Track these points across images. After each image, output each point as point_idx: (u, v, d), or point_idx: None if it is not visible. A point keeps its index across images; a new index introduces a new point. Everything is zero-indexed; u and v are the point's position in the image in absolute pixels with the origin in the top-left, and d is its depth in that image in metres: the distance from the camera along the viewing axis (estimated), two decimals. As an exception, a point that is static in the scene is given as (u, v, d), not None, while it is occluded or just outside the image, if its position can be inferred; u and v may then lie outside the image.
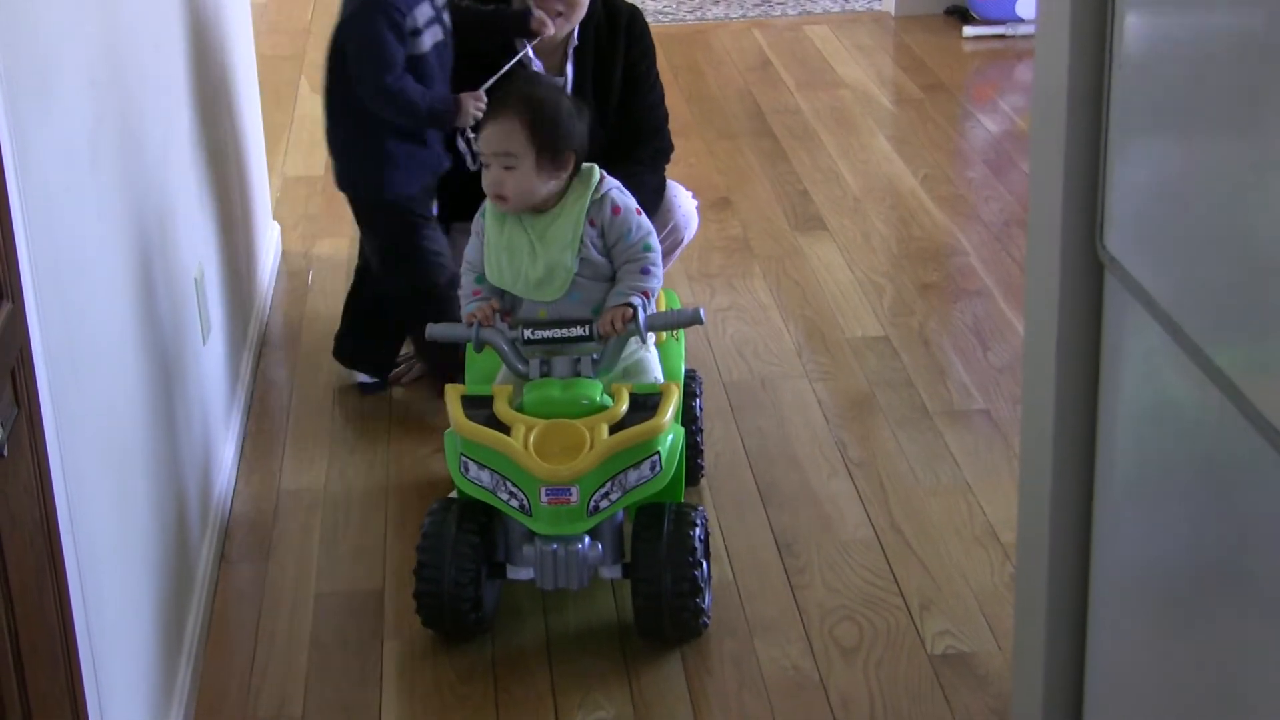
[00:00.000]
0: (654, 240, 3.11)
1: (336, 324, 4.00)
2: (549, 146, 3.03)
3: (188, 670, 2.93)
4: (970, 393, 3.92)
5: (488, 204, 3.13)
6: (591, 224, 3.07)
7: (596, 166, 3.13)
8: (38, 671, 2.00)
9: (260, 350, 4.19)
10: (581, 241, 3.05)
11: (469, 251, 3.19)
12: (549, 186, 3.06)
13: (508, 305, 3.14)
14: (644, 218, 3.12)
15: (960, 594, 3.20)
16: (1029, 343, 2.35)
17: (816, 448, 3.71)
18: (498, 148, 3.04)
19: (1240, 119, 1.73)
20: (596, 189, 3.08)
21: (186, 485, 3.13)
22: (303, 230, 4.90)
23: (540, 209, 3.08)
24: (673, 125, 4.01)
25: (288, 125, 5.77)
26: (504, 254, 3.10)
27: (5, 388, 1.94)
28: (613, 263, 3.10)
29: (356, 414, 3.90)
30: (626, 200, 3.11)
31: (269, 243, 4.63)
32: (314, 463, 3.71)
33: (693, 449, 3.46)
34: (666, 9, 7.08)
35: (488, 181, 3.06)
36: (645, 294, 3.07)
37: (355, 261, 4.04)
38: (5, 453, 1.88)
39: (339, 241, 4.82)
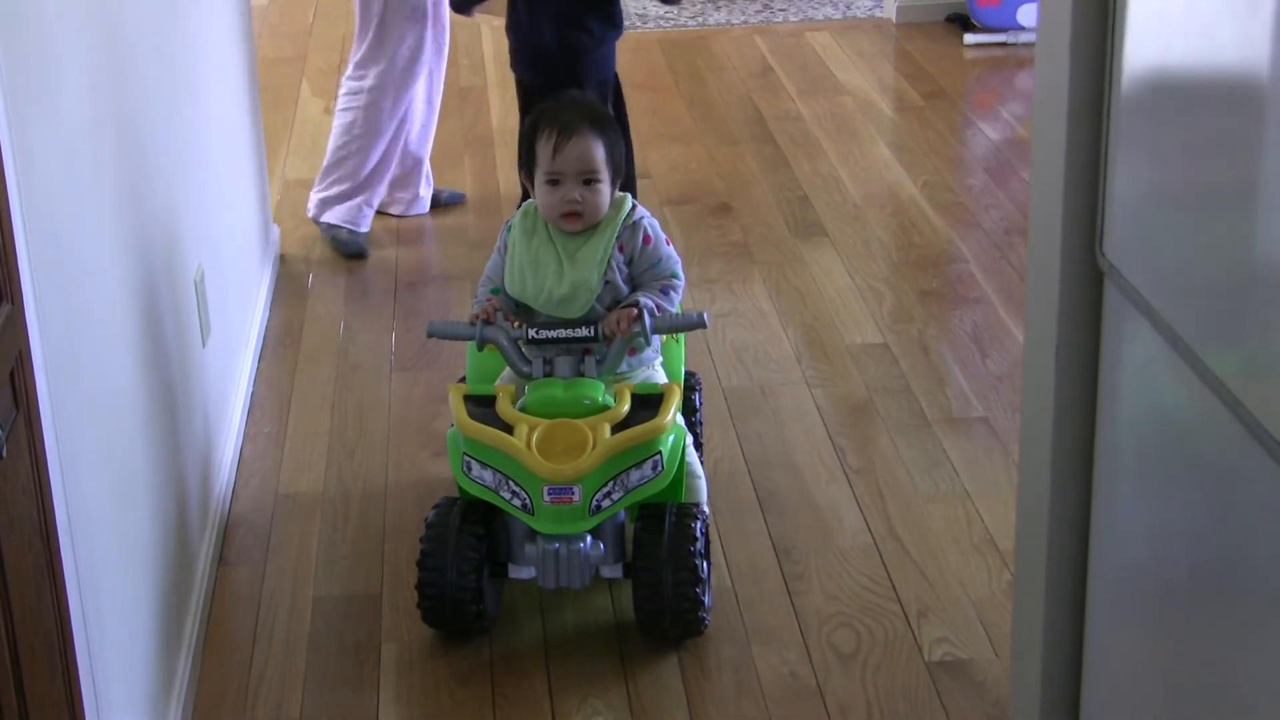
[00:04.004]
0: (680, 271, 3.15)
1: (336, 327, 3.99)
2: (618, 165, 3.10)
3: (186, 672, 2.93)
4: (969, 400, 3.92)
5: (518, 218, 3.14)
6: (620, 249, 3.09)
7: (628, 194, 3.17)
8: (35, 674, 2.00)
9: (260, 353, 4.19)
10: (609, 265, 3.07)
11: (490, 267, 3.20)
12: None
13: (522, 317, 3.15)
14: (672, 249, 3.15)
15: (958, 601, 3.20)
16: (1028, 350, 2.35)
17: (815, 454, 3.70)
18: (582, 166, 3.03)
19: (1239, 128, 1.74)
20: (629, 215, 3.11)
21: (186, 487, 3.13)
22: (303, 233, 4.90)
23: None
24: (674, 131, 4.01)
25: (288, 128, 5.77)
26: (528, 268, 3.10)
27: (4, 389, 1.94)
28: (635, 283, 3.11)
29: (355, 417, 3.90)
30: (657, 230, 3.14)
31: (269, 245, 4.63)
32: (313, 466, 3.71)
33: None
34: (668, 15, 7.08)
35: (559, 199, 3.04)
36: (658, 307, 3.08)
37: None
38: (4, 454, 1.88)
39: (339, 245, 4.81)
